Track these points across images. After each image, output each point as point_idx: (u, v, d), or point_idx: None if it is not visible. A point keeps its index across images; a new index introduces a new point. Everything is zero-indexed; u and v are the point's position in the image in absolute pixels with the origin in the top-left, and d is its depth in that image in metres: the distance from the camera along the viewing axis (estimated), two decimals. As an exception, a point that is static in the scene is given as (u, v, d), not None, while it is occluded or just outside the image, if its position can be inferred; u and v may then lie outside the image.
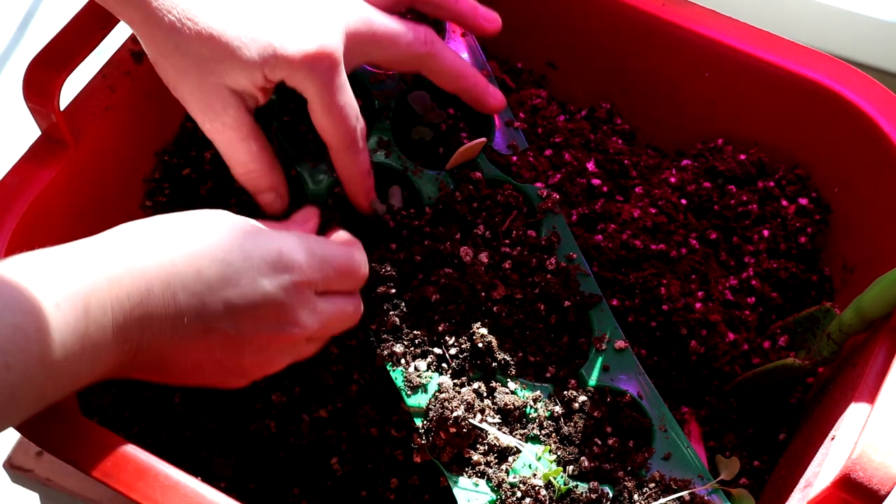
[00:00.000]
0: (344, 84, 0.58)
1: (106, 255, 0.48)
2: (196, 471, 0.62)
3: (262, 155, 0.60)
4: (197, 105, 0.57)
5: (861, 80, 0.66)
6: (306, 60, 0.55)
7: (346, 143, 0.59)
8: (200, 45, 0.54)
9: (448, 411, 0.55)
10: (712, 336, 0.64)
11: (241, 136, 0.59)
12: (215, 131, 0.59)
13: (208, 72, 0.55)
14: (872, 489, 0.45)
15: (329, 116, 0.58)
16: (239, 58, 0.55)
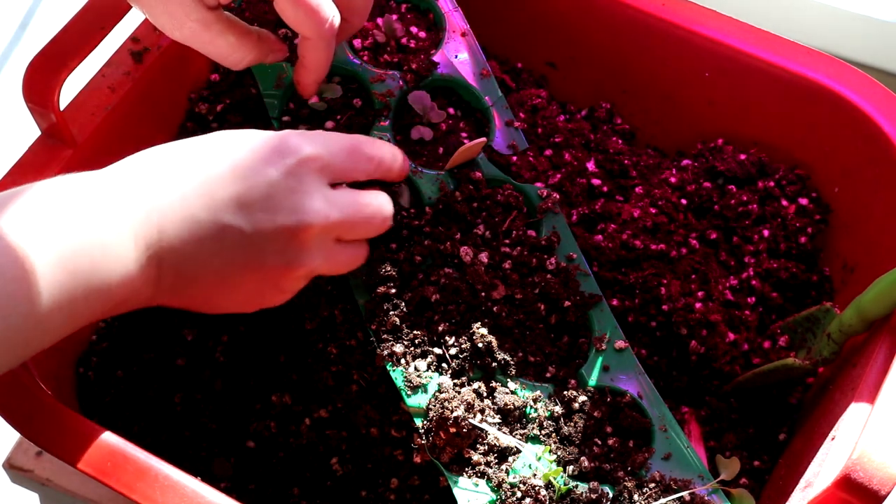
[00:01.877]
0: None
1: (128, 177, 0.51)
2: (196, 471, 0.62)
3: (242, 41, 0.59)
4: (162, 16, 0.57)
5: (861, 80, 0.66)
6: None
7: (318, 33, 0.58)
8: None
9: (448, 411, 0.55)
10: (712, 336, 0.64)
11: (214, 34, 0.58)
12: (186, 38, 0.58)
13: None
14: (872, 489, 0.45)
15: (298, 8, 0.57)
16: None
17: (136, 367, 0.65)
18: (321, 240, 0.54)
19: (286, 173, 0.52)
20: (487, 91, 0.69)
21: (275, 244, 0.52)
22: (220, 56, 0.60)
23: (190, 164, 0.51)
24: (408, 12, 0.71)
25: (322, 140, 0.55)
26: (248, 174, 0.51)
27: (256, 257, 0.52)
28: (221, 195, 0.50)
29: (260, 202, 0.51)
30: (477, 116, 0.69)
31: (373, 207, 0.57)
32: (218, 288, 0.53)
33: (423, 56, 0.68)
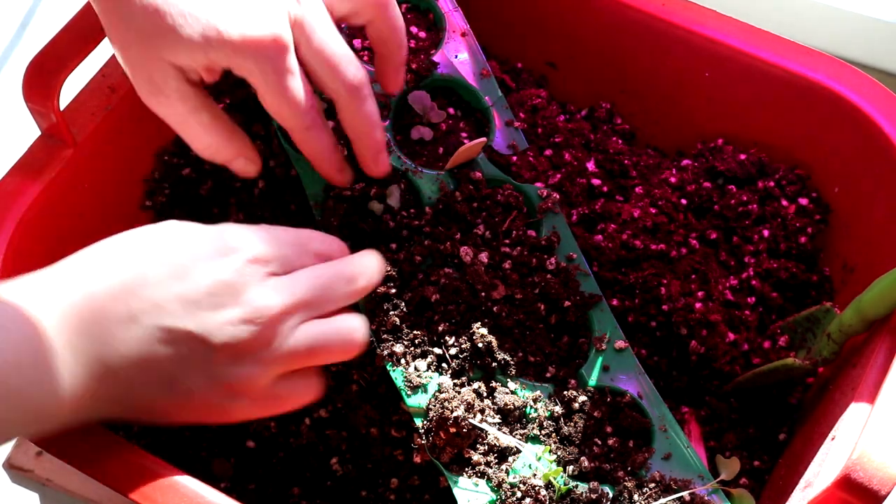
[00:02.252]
0: (292, 67, 0.55)
1: (60, 282, 0.48)
2: (196, 471, 0.62)
3: (215, 125, 0.58)
4: (139, 78, 0.55)
5: (861, 80, 0.66)
6: (250, 46, 0.53)
7: (304, 124, 0.57)
8: (144, 19, 0.52)
9: (448, 411, 0.55)
10: (712, 336, 0.64)
11: (188, 109, 0.56)
12: (160, 105, 0.56)
13: (150, 46, 0.53)
14: (872, 489, 0.45)
15: (281, 102, 0.55)
16: (180, 35, 0.52)
17: (136, 367, 0.65)
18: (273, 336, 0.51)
19: (229, 270, 0.50)
20: (487, 91, 0.69)
21: (225, 345, 0.49)
22: (189, 135, 0.58)
23: (127, 268, 0.49)
24: (408, 12, 0.71)
25: (266, 239, 0.52)
26: (188, 275, 0.49)
27: (206, 362, 0.49)
28: (165, 300, 0.48)
29: (205, 301, 0.49)
30: (477, 116, 0.69)
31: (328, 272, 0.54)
32: (166, 396, 0.50)
33: (423, 56, 0.68)
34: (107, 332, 0.48)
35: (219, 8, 0.53)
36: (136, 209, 0.71)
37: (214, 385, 0.50)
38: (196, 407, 0.51)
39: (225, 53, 0.53)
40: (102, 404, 0.49)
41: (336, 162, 0.60)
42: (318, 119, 0.57)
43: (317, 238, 0.56)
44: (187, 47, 0.53)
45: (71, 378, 0.46)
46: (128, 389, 0.49)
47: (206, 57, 0.53)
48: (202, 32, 0.52)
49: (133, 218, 0.71)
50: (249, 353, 0.50)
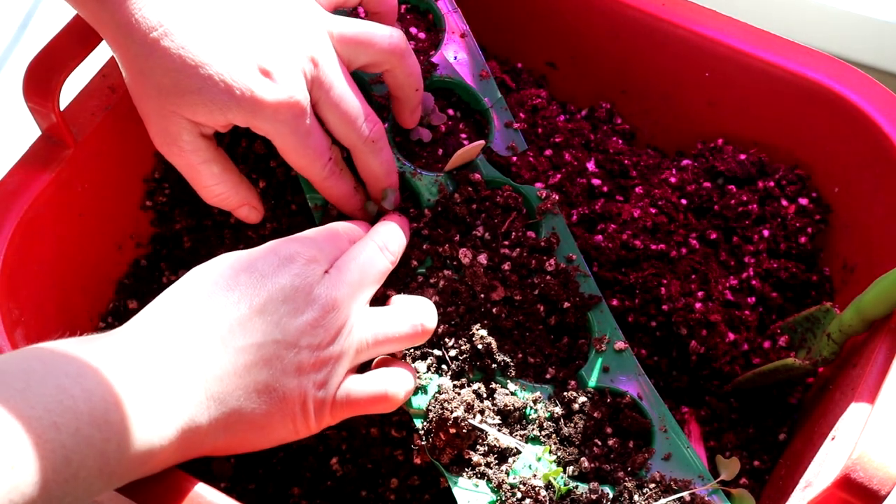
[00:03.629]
0: (312, 128, 0.58)
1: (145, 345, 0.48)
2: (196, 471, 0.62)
3: (224, 176, 0.61)
4: (155, 128, 0.58)
5: (861, 80, 0.66)
6: (269, 109, 0.55)
7: (322, 176, 0.60)
8: (163, 75, 0.54)
9: (448, 412, 0.55)
10: (712, 336, 0.64)
11: (200, 160, 0.59)
12: (173, 155, 0.59)
13: (168, 101, 0.55)
14: (872, 489, 0.45)
15: (301, 159, 0.58)
16: (200, 97, 0.54)
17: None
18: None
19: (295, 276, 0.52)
20: (487, 92, 0.69)
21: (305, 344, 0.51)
22: (198, 183, 0.61)
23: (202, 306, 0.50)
24: (407, 13, 0.71)
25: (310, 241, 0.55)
26: (262, 290, 0.51)
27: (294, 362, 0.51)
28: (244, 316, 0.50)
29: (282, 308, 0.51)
30: (476, 118, 0.69)
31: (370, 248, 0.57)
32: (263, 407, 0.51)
33: (423, 57, 0.68)
34: (201, 365, 0.49)
35: (238, 72, 0.54)
36: (136, 209, 0.71)
37: (303, 383, 0.51)
38: (287, 415, 0.52)
39: (244, 116, 0.55)
40: (210, 436, 0.50)
41: (358, 202, 0.63)
42: (335, 169, 0.61)
43: (342, 227, 0.58)
44: (207, 109, 0.55)
45: (177, 417, 0.47)
46: (232, 413, 0.50)
47: (225, 118, 0.56)
48: (221, 96, 0.54)
49: (133, 218, 0.71)
50: (329, 344, 0.52)
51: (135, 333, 0.49)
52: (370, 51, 0.60)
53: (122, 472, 0.45)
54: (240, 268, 0.52)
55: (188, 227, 0.71)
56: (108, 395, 0.44)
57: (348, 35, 0.59)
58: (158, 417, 0.46)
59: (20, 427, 0.41)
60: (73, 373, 0.44)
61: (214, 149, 0.60)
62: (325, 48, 0.58)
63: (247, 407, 0.50)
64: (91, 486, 0.44)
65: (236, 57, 0.55)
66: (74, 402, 0.43)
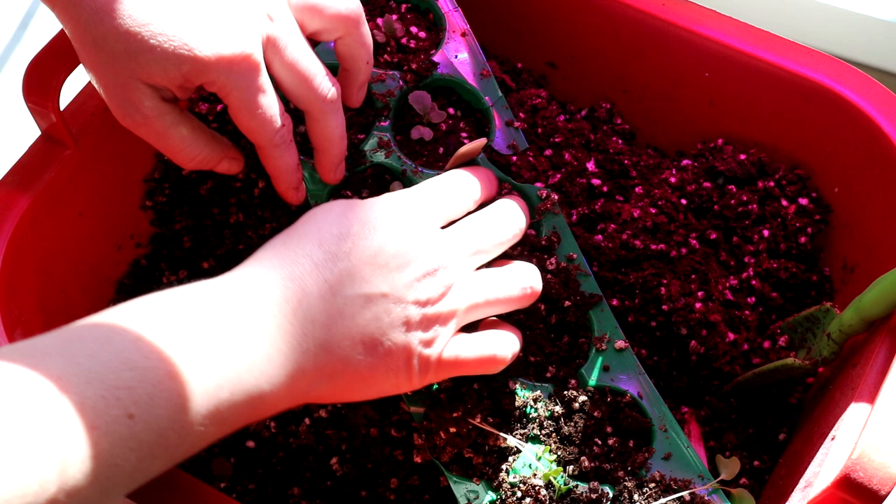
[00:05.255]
0: (264, 85, 0.56)
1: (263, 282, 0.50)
2: (196, 471, 0.62)
3: (195, 136, 0.59)
4: (115, 100, 0.56)
5: (861, 80, 0.66)
6: (222, 63, 0.54)
7: (272, 142, 0.58)
8: (116, 41, 0.53)
9: (448, 411, 0.55)
10: (712, 336, 0.64)
11: (167, 125, 0.57)
12: (138, 125, 0.57)
13: (123, 67, 0.54)
14: (872, 489, 0.45)
15: (252, 119, 0.57)
16: (153, 54, 0.53)
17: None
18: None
19: (409, 232, 0.53)
20: (487, 91, 0.69)
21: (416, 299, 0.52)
22: (170, 150, 0.59)
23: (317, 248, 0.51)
24: (408, 12, 0.71)
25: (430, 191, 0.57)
26: (375, 238, 0.52)
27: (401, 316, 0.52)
28: (356, 267, 0.51)
29: (392, 262, 0.52)
30: (477, 116, 0.69)
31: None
32: (368, 360, 0.52)
33: (423, 56, 0.68)
34: (309, 310, 0.50)
35: (191, 27, 0.53)
36: (136, 209, 0.71)
37: (410, 339, 0.52)
38: (390, 369, 0.52)
39: (198, 71, 0.54)
40: (315, 383, 0.51)
41: (295, 180, 0.62)
42: (286, 137, 0.59)
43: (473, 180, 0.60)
44: (161, 66, 0.53)
45: (286, 362, 0.48)
46: (337, 361, 0.51)
47: (180, 74, 0.54)
48: (174, 51, 0.53)
49: (133, 218, 0.71)
50: (437, 301, 0.53)
51: (248, 278, 0.50)
52: (322, 16, 0.59)
53: (233, 418, 0.46)
54: (352, 215, 0.53)
55: (188, 227, 0.71)
56: (218, 341, 0.46)
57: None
58: (268, 363, 0.47)
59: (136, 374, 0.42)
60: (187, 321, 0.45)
61: (179, 111, 0.58)
62: (281, 6, 0.57)
63: (352, 357, 0.51)
64: (206, 433, 0.45)
65: (187, 12, 0.54)
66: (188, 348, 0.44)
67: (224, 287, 0.49)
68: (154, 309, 0.46)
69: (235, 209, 0.68)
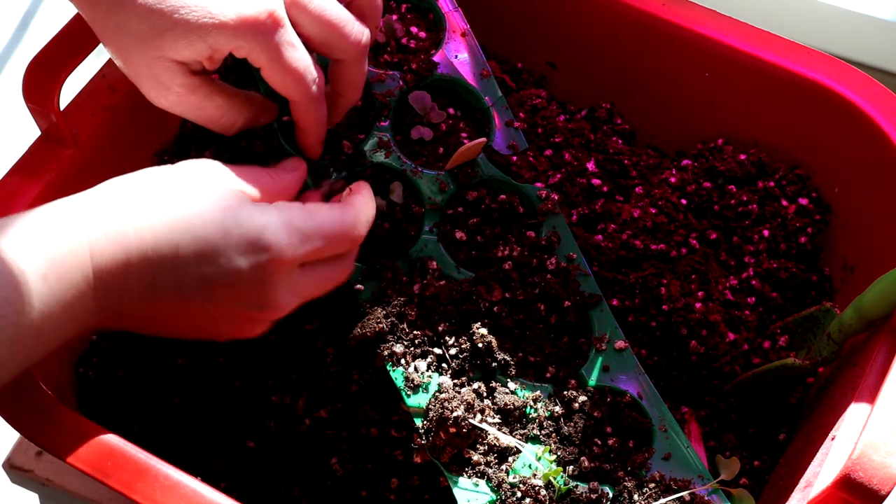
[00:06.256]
0: (292, 40, 0.56)
1: (88, 216, 0.50)
2: (196, 471, 0.62)
3: (231, 102, 0.59)
4: (147, 81, 0.56)
5: (861, 80, 0.66)
6: (247, 24, 0.53)
7: (309, 95, 0.58)
8: (139, 22, 0.53)
9: (448, 411, 0.55)
10: (712, 336, 0.64)
11: (202, 97, 0.57)
12: (173, 104, 0.57)
13: (150, 47, 0.54)
14: (873, 489, 0.45)
15: (285, 76, 0.56)
16: (178, 31, 0.53)
17: (137, 367, 0.65)
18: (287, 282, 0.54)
19: (256, 268, 0.51)
20: (487, 91, 0.69)
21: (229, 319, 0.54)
22: (210, 120, 0.59)
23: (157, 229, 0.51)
24: (408, 12, 0.71)
25: (302, 235, 0.53)
26: (217, 260, 0.51)
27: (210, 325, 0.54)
28: (187, 275, 0.51)
29: (224, 288, 0.52)
30: (477, 116, 0.69)
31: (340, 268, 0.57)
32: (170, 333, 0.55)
33: (423, 56, 0.68)
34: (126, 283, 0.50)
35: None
36: (136, 209, 0.71)
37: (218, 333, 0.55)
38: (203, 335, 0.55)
39: (224, 37, 0.54)
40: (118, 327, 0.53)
41: (322, 135, 0.61)
42: (320, 92, 0.58)
43: (361, 221, 0.57)
44: (187, 39, 0.53)
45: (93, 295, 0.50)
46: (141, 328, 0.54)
47: (207, 44, 0.54)
48: (198, 21, 0.53)
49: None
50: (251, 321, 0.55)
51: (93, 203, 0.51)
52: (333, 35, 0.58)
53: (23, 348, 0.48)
54: (220, 220, 0.51)
55: (188, 227, 0.71)
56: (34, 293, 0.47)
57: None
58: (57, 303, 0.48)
59: None
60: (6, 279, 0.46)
61: (211, 82, 0.58)
62: None
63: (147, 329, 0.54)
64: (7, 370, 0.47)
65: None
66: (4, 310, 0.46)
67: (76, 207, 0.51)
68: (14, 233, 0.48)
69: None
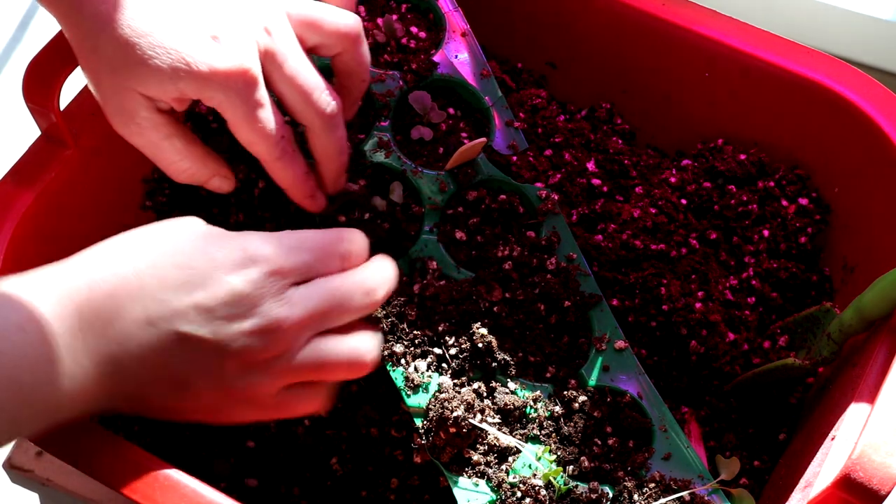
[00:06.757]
0: (262, 99, 0.56)
1: (72, 276, 0.49)
2: (196, 471, 0.61)
3: (189, 150, 0.58)
4: (112, 108, 0.56)
5: (861, 80, 0.66)
6: (219, 78, 0.53)
7: (273, 155, 0.58)
8: (114, 51, 0.53)
9: (448, 411, 0.55)
10: (712, 336, 0.64)
11: (161, 136, 0.57)
12: (132, 134, 0.57)
13: (121, 76, 0.54)
14: (873, 489, 0.45)
15: (251, 133, 0.56)
16: (149, 67, 0.53)
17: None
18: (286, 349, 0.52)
19: (247, 282, 0.50)
20: (487, 91, 0.69)
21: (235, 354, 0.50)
22: (163, 161, 0.58)
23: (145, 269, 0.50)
24: (408, 12, 0.71)
25: (288, 248, 0.53)
26: (206, 283, 0.50)
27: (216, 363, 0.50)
28: (180, 305, 0.49)
29: (220, 310, 0.50)
30: (477, 117, 0.69)
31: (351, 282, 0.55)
32: (176, 397, 0.51)
33: (423, 56, 0.68)
34: (121, 331, 0.49)
35: (188, 40, 0.53)
36: (137, 209, 0.71)
37: (224, 390, 0.51)
38: (204, 408, 0.52)
39: (194, 86, 0.53)
40: (111, 401, 0.50)
41: (308, 189, 0.61)
42: (288, 148, 0.58)
43: (344, 238, 0.56)
44: (157, 79, 0.53)
45: (82, 374, 0.47)
46: (138, 387, 0.50)
47: (176, 88, 0.54)
48: (171, 65, 0.53)
49: (133, 218, 0.71)
50: (261, 362, 0.51)
51: (71, 279, 0.49)
52: (321, 32, 0.58)
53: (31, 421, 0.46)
54: (200, 249, 0.51)
55: (188, 227, 0.71)
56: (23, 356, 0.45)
57: (302, 14, 0.58)
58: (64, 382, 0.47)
59: None
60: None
61: (174, 123, 0.57)
62: (280, 20, 0.57)
63: (155, 391, 0.50)
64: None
65: (186, 25, 0.53)
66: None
67: (29, 285, 0.48)
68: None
69: (235, 209, 0.68)
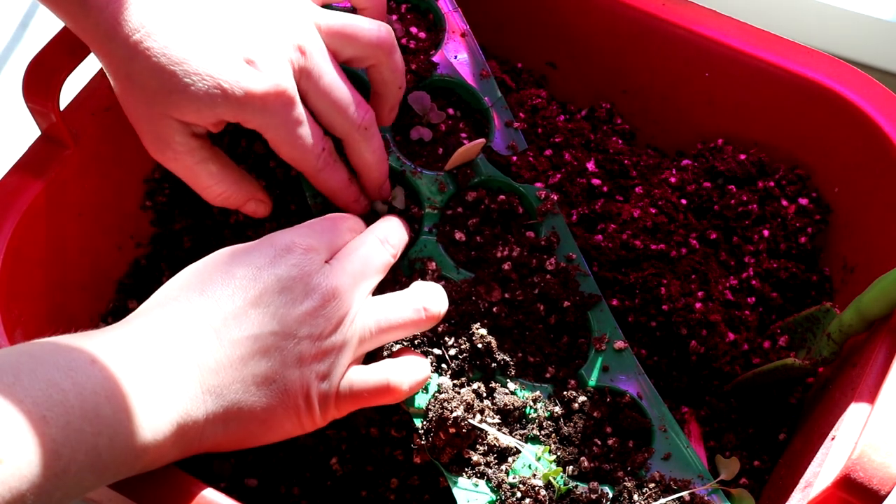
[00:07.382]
0: (300, 117, 0.57)
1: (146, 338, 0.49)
2: (196, 471, 0.61)
3: (224, 174, 0.60)
4: (147, 134, 0.57)
5: (861, 80, 0.66)
6: (257, 101, 0.54)
7: (316, 168, 0.59)
8: (151, 79, 0.53)
9: (448, 412, 0.55)
10: (712, 336, 0.64)
11: (196, 161, 0.58)
12: (168, 160, 0.58)
13: (156, 103, 0.54)
14: (873, 489, 0.45)
15: (293, 151, 0.57)
16: (186, 95, 0.53)
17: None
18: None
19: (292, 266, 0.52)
20: (487, 91, 0.69)
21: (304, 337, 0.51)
22: (199, 185, 0.59)
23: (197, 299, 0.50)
24: (408, 12, 0.71)
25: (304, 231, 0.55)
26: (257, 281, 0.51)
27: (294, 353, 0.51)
28: (239, 308, 0.50)
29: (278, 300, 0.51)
30: (476, 117, 0.69)
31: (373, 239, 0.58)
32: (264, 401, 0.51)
33: (423, 56, 0.68)
34: (194, 357, 0.49)
35: (223, 66, 0.54)
36: (137, 209, 0.71)
37: (305, 374, 0.51)
38: (290, 408, 0.52)
39: (232, 110, 0.54)
40: (209, 431, 0.50)
41: (352, 194, 0.62)
42: (329, 159, 0.60)
43: (346, 217, 0.59)
44: (195, 106, 0.54)
45: (168, 410, 0.47)
46: (230, 406, 0.50)
47: (213, 114, 0.55)
48: (208, 91, 0.53)
49: (133, 218, 0.71)
50: (331, 334, 0.52)
51: (129, 328, 0.49)
52: (356, 44, 0.59)
53: (114, 467, 0.45)
54: (235, 261, 0.52)
55: (188, 227, 0.71)
56: (98, 389, 0.44)
57: (335, 27, 0.59)
58: (151, 412, 0.46)
59: (9, 421, 0.41)
60: (63, 366, 0.44)
61: (209, 148, 0.59)
62: (313, 37, 0.57)
63: (246, 400, 0.50)
64: (82, 480, 0.44)
65: (220, 50, 0.54)
66: (64, 396, 0.43)
67: (107, 338, 0.47)
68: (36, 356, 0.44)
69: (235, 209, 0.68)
